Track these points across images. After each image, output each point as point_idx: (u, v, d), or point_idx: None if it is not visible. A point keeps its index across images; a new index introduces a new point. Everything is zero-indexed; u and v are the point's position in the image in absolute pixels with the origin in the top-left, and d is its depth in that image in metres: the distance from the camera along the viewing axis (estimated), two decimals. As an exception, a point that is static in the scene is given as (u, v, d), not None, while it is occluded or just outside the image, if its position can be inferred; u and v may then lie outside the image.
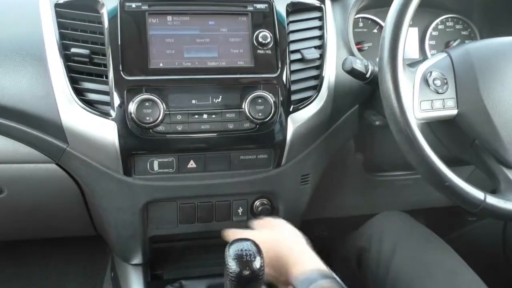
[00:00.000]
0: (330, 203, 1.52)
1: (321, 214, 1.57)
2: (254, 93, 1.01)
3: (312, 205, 1.29)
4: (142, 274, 1.20)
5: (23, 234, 1.40)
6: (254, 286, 0.85)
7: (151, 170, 1.05)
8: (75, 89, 0.97)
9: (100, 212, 1.11)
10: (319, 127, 1.12)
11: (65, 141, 1.01)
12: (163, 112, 0.97)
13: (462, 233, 1.71)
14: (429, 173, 0.88)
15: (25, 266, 1.75)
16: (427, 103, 0.94)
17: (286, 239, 0.96)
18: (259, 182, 1.11)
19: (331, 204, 1.53)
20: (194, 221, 1.14)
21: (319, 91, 1.09)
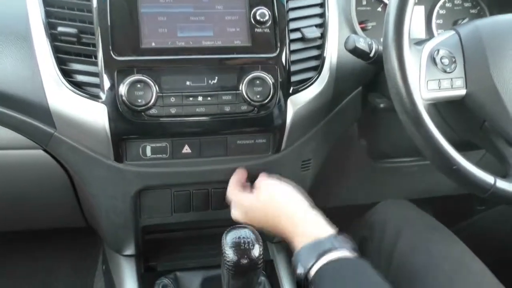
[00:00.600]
0: (332, 191, 1.52)
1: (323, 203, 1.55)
2: (252, 74, 1.00)
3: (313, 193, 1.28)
4: (135, 265, 1.20)
5: (8, 225, 1.40)
6: (253, 275, 0.85)
7: (144, 155, 1.04)
8: (62, 70, 0.96)
9: (90, 201, 1.11)
10: (320, 110, 1.12)
11: (53, 126, 1.00)
12: (155, 94, 0.97)
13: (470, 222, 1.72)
14: (436, 156, 0.88)
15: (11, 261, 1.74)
16: (434, 82, 0.94)
17: (283, 202, 0.96)
18: (257, 168, 1.11)
19: (334, 192, 1.53)
20: (189, 210, 1.14)
21: (320, 72, 1.09)
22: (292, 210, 0.94)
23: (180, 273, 1.16)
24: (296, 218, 0.92)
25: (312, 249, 0.84)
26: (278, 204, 0.96)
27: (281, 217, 0.93)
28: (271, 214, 0.96)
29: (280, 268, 1.23)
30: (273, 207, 0.96)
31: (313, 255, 0.82)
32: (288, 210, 0.94)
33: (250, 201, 1.01)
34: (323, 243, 0.84)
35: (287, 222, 0.92)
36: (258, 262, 0.82)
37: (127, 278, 1.18)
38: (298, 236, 0.88)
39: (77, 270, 1.74)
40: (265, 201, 0.98)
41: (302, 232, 0.88)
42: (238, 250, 0.82)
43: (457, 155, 0.88)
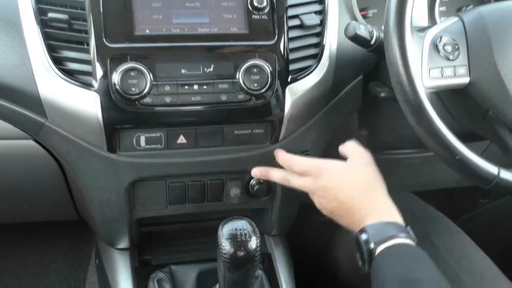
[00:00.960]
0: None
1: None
2: (249, 62, 1.00)
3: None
4: (129, 259, 1.20)
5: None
6: (250, 268, 0.85)
7: (138, 146, 1.04)
8: (53, 58, 0.96)
9: (83, 192, 1.11)
10: (319, 99, 1.12)
11: (44, 115, 1.00)
12: (150, 83, 0.96)
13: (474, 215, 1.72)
14: (439, 145, 0.88)
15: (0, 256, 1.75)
16: (437, 70, 0.94)
17: (369, 177, 0.99)
18: (254, 159, 1.11)
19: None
20: (185, 202, 1.14)
21: (319, 60, 1.08)
22: (377, 186, 0.98)
23: (175, 267, 1.16)
24: (379, 195, 0.97)
25: (385, 227, 0.90)
26: (368, 177, 1.00)
27: (366, 188, 0.97)
28: (358, 184, 0.97)
29: (277, 261, 1.24)
30: (364, 178, 0.99)
31: (385, 233, 0.88)
32: (374, 185, 0.98)
33: (342, 166, 1.00)
34: (395, 226, 0.90)
35: (370, 196, 0.96)
36: (255, 255, 0.83)
37: (121, 272, 1.18)
38: (376, 212, 0.92)
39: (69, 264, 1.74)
40: (359, 170, 1.00)
41: (381, 210, 0.94)
42: (235, 242, 0.82)
43: (460, 145, 0.88)
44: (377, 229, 0.89)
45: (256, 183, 1.15)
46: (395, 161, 1.49)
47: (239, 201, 1.16)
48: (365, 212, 0.93)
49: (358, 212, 0.94)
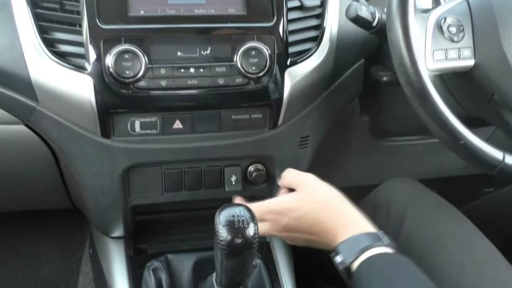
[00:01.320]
0: (333, 172, 1.52)
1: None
2: (247, 44, 1.00)
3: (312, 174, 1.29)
4: (123, 248, 1.20)
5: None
6: (248, 256, 0.85)
7: (132, 131, 1.04)
8: (44, 40, 0.96)
9: (76, 180, 1.11)
10: (320, 83, 1.12)
11: (35, 99, 1.00)
12: (144, 66, 0.96)
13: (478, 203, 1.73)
14: (442, 130, 0.88)
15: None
16: (441, 52, 0.93)
17: (324, 197, 0.97)
18: (253, 145, 1.11)
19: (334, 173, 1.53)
20: (181, 189, 1.14)
21: (319, 43, 1.08)
22: (335, 202, 0.96)
23: (172, 256, 1.16)
24: (341, 211, 0.94)
25: (356, 241, 0.87)
26: (323, 197, 0.98)
27: (325, 210, 0.94)
28: (316, 208, 0.95)
29: (276, 250, 1.24)
30: (318, 201, 0.97)
31: (357, 248, 0.86)
32: (331, 202, 0.96)
33: (293, 200, 0.99)
34: (367, 237, 0.88)
35: (332, 215, 0.93)
36: (253, 242, 0.82)
37: (115, 261, 1.18)
38: (342, 228, 0.90)
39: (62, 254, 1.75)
40: (311, 195, 0.99)
41: (347, 225, 0.91)
42: (232, 229, 0.82)
43: (465, 129, 0.88)
44: (348, 246, 0.88)
45: (254, 170, 1.15)
46: (397, 148, 1.50)
47: (236, 188, 1.16)
48: (334, 232, 0.91)
49: (328, 234, 0.92)
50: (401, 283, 0.81)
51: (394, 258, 0.86)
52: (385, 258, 0.85)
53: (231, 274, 0.89)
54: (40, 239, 1.77)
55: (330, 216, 0.93)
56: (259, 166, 1.15)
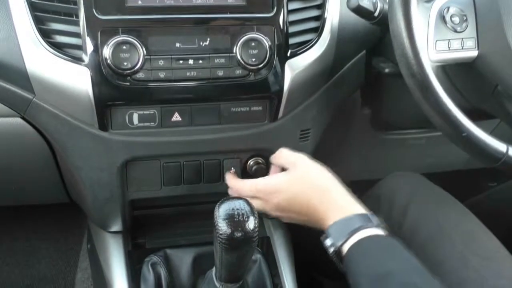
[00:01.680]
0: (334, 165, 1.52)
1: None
2: (247, 35, 1.00)
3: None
4: (122, 243, 1.20)
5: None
6: (248, 250, 0.85)
7: (130, 124, 1.04)
8: (41, 31, 0.95)
9: (73, 173, 1.11)
10: (320, 75, 1.11)
11: (31, 91, 1.00)
12: (142, 57, 0.96)
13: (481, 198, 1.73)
14: (445, 122, 0.88)
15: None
16: (444, 43, 0.93)
17: (316, 179, 0.98)
18: (253, 138, 1.11)
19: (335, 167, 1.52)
20: (180, 183, 1.14)
21: (320, 34, 1.08)
22: (326, 184, 0.97)
23: (170, 251, 1.17)
24: (332, 193, 0.95)
25: (346, 224, 0.88)
26: (314, 179, 0.99)
27: (316, 192, 0.96)
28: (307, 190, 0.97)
29: (277, 245, 1.24)
30: (309, 182, 0.98)
31: (347, 230, 0.87)
32: (323, 184, 0.97)
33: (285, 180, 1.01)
34: (357, 219, 0.88)
35: (322, 197, 0.94)
36: (253, 235, 0.83)
37: (114, 256, 1.18)
38: (332, 211, 0.91)
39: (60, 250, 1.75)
40: (302, 177, 1.00)
41: (337, 207, 0.92)
42: (232, 222, 0.82)
43: (467, 121, 0.88)
44: (338, 229, 0.88)
45: (254, 163, 1.15)
46: (399, 142, 1.50)
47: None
48: (324, 214, 0.92)
49: (318, 216, 0.93)
50: (392, 265, 0.81)
51: (384, 240, 0.86)
52: (375, 240, 0.86)
53: (231, 269, 0.89)
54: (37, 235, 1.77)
55: (320, 198, 0.94)
56: (259, 160, 1.15)
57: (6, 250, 1.75)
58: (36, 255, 1.74)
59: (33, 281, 1.68)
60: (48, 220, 1.77)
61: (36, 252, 1.74)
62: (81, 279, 1.58)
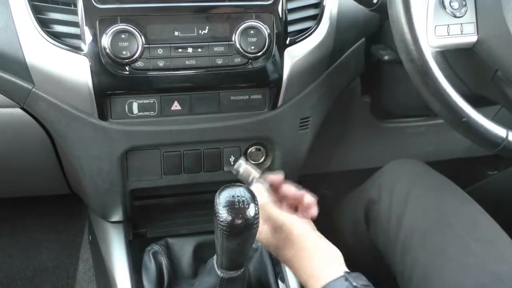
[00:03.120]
0: (334, 155, 1.52)
1: (324, 169, 1.57)
2: (246, 23, 0.99)
3: (314, 157, 1.29)
4: (123, 232, 1.20)
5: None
6: (248, 236, 0.85)
7: (130, 113, 1.04)
8: (39, 20, 0.95)
9: (74, 163, 1.11)
10: (320, 63, 1.11)
11: (30, 81, 1.00)
12: (141, 46, 0.96)
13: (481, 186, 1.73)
14: (445, 107, 0.88)
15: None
16: (443, 28, 0.93)
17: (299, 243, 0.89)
18: (252, 127, 1.11)
19: (335, 156, 1.53)
20: (180, 172, 1.14)
21: (319, 21, 1.08)
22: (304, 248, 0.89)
23: (171, 240, 1.17)
24: (308, 258, 0.88)
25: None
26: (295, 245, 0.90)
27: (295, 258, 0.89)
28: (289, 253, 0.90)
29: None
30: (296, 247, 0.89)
31: None
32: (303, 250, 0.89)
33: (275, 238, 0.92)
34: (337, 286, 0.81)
35: (300, 263, 0.88)
36: (254, 222, 0.82)
37: (115, 246, 1.19)
38: (312, 279, 0.85)
39: (61, 241, 1.75)
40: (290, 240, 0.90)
41: (315, 275, 0.85)
42: (232, 209, 0.82)
43: (467, 106, 0.88)
44: None
45: (254, 151, 1.15)
46: (399, 130, 1.49)
47: None
48: (303, 277, 0.86)
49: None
50: None
51: None
52: None
53: (232, 256, 0.89)
54: (38, 226, 1.77)
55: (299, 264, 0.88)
56: (259, 148, 1.15)
57: (7, 242, 1.75)
58: (37, 247, 1.74)
59: (35, 272, 1.69)
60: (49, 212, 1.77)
61: (38, 244, 1.75)
62: (82, 270, 1.58)
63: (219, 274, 0.92)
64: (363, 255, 1.21)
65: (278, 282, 1.17)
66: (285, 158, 1.18)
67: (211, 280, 0.94)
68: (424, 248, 1.03)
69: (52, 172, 1.25)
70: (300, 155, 1.23)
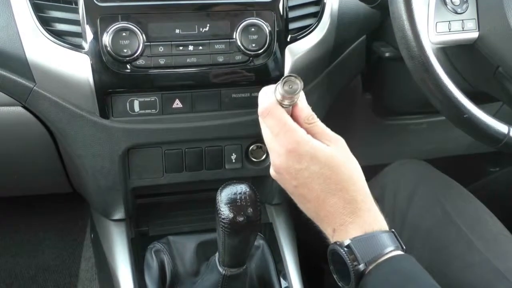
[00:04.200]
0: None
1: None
2: (246, 20, 0.99)
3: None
4: (125, 230, 1.20)
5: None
6: (250, 234, 0.85)
7: (131, 111, 1.04)
8: (40, 18, 0.95)
9: (75, 161, 1.11)
10: (321, 60, 1.11)
11: (32, 79, 0.99)
12: (142, 44, 0.96)
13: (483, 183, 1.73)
14: (446, 104, 0.88)
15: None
16: (444, 24, 0.93)
17: (343, 176, 0.77)
18: (254, 124, 1.09)
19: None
20: (182, 170, 1.14)
21: (320, 18, 1.07)
22: (361, 184, 0.79)
23: (174, 238, 1.16)
24: (363, 196, 0.78)
25: (372, 242, 0.74)
26: (356, 171, 0.80)
27: (350, 189, 0.77)
28: (347, 180, 0.77)
29: (279, 231, 1.24)
30: (351, 172, 0.79)
31: (373, 249, 0.74)
32: (358, 182, 0.78)
33: (329, 152, 0.79)
34: (383, 237, 0.75)
35: (355, 198, 0.76)
36: (256, 220, 0.83)
37: (117, 244, 1.19)
38: (359, 221, 0.76)
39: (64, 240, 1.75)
40: (346, 161, 0.80)
41: (365, 217, 0.76)
42: (234, 207, 0.82)
43: (468, 103, 0.88)
44: (364, 245, 0.73)
45: (256, 149, 1.15)
46: (400, 127, 1.49)
47: (237, 166, 1.16)
48: (346, 218, 0.75)
49: (336, 215, 0.76)
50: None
51: (408, 263, 0.75)
52: (399, 265, 0.75)
53: (234, 253, 0.89)
54: (41, 225, 1.78)
55: (349, 196, 0.76)
56: (261, 145, 1.15)
57: (10, 241, 1.75)
58: (40, 245, 1.74)
59: (37, 271, 1.69)
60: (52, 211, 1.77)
61: (40, 242, 1.75)
62: (85, 269, 1.58)
63: (221, 272, 0.92)
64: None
65: (280, 280, 1.17)
66: None
67: (213, 278, 0.94)
68: (428, 246, 1.03)
69: (54, 170, 1.25)
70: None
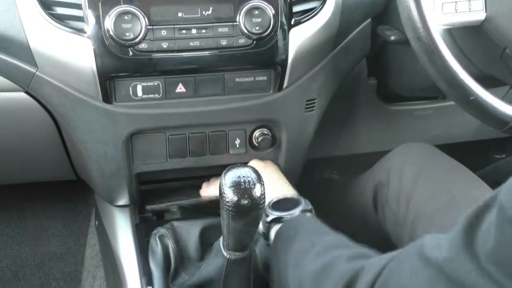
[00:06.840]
0: (340, 138, 1.51)
1: (331, 152, 1.56)
2: (250, 3, 0.98)
3: (320, 141, 1.28)
4: (129, 216, 1.20)
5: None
6: (255, 216, 0.85)
7: (134, 96, 1.03)
8: (41, 3, 0.94)
9: (79, 147, 1.10)
10: (325, 44, 1.10)
11: (34, 64, 0.99)
12: (145, 27, 0.95)
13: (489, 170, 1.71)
14: (452, 86, 0.87)
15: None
16: (450, 5, 0.91)
17: None
18: (258, 109, 1.10)
19: (342, 139, 1.52)
20: (186, 155, 1.13)
21: (324, 1, 1.06)
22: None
23: (178, 223, 1.16)
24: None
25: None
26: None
27: None
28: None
29: (284, 217, 1.23)
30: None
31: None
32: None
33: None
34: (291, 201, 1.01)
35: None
36: (260, 202, 0.82)
37: (121, 230, 1.18)
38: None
39: (69, 227, 1.76)
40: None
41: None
42: (238, 190, 0.81)
43: (475, 84, 0.87)
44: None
45: (260, 135, 1.15)
46: (405, 113, 1.48)
47: (240, 151, 1.15)
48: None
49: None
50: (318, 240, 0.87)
51: (312, 222, 0.95)
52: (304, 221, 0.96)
53: (238, 237, 0.88)
54: (45, 213, 1.78)
55: None
56: (265, 130, 1.15)
57: (15, 229, 1.76)
58: (45, 233, 1.74)
59: (43, 259, 1.69)
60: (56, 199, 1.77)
61: (45, 230, 1.75)
62: (90, 255, 1.58)
63: (226, 256, 0.91)
64: (371, 239, 1.20)
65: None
66: (291, 140, 1.17)
67: (218, 262, 0.94)
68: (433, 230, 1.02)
69: (57, 157, 1.24)
70: (306, 137, 1.22)
